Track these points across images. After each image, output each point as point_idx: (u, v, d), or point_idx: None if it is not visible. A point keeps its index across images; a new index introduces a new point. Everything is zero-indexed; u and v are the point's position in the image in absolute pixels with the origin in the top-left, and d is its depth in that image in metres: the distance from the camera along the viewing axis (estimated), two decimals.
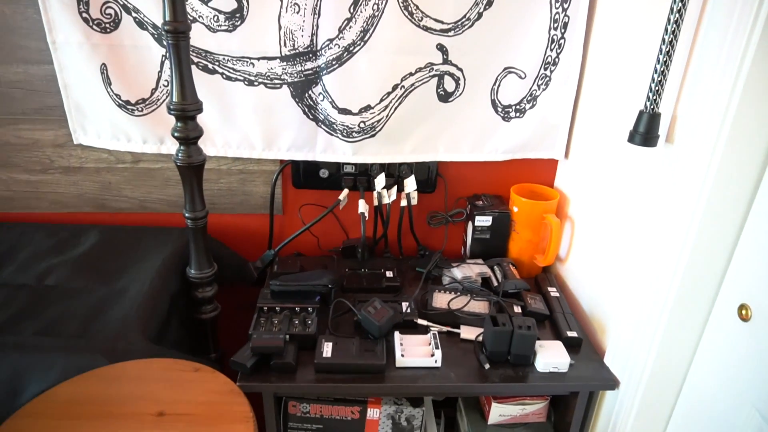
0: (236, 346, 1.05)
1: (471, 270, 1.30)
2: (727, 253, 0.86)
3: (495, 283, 1.27)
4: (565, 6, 1.20)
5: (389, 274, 1.31)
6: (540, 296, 1.24)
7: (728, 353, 0.87)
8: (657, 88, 0.84)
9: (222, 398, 0.87)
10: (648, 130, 0.86)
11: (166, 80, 1.25)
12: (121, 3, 1.18)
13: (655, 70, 0.83)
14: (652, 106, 0.85)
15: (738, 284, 0.85)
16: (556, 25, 1.21)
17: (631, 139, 0.88)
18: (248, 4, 1.18)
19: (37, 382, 0.95)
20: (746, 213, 0.83)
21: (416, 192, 1.33)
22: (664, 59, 0.82)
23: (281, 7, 1.18)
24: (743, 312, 0.83)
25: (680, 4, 0.78)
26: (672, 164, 0.88)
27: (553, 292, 1.26)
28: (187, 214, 1.13)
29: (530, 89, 1.28)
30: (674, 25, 0.80)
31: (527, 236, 1.33)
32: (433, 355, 1.05)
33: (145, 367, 0.92)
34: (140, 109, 1.27)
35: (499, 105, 1.30)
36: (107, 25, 1.20)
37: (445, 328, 1.15)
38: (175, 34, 0.97)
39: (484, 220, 1.34)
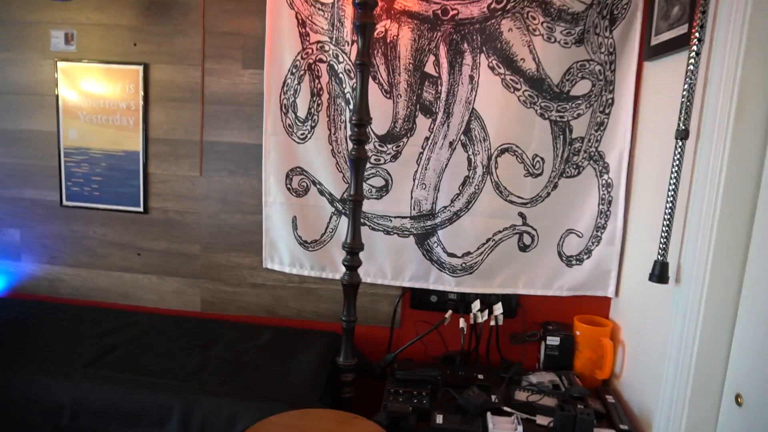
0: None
1: (543, 377, 1.70)
2: (724, 357, 1.26)
3: (563, 389, 1.66)
4: (610, 190, 1.74)
5: (480, 376, 1.73)
6: (599, 400, 1.61)
7: None
8: (663, 245, 1.32)
9: None
10: (660, 273, 1.32)
11: (332, 228, 1.86)
12: (311, 179, 1.85)
13: (662, 233, 1.32)
14: (661, 258, 1.32)
15: (734, 378, 1.23)
16: (603, 201, 1.75)
17: (650, 278, 1.34)
18: (392, 182, 1.81)
19: (245, 421, 1.43)
20: (732, 330, 1.24)
21: (502, 315, 1.79)
22: (666, 226, 1.31)
23: (413, 185, 1.80)
24: (739, 399, 1.20)
25: (672, 195, 1.30)
26: (678, 299, 1.32)
27: (610, 398, 1.63)
28: (343, 318, 1.65)
29: (586, 245, 1.78)
30: (669, 211, 1.30)
31: (588, 354, 1.73)
32: (516, 431, 1.44)
33: (321, 413, 1.39)
34: (313, 246, 1.88)
35: (564, 255, 1.80)
36: (300, 192, 1.86)
37: (524, 415, 1.54)
38: (355, 202, 1.58)
39: (553, 341, 1.77)
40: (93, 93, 1.93)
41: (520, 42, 1.69)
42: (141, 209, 1.96)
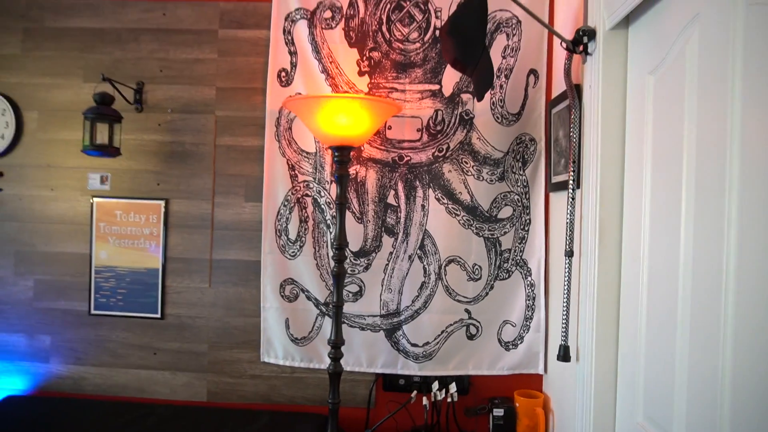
0: None
1: None
2: (612, 414, 1.71)
3: None
4: (533, 289, 2.25)
5: None
6: None
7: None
8: (564, 333, 1.81)
9: None
10: (564, 354, 1.80)
11: (318, 326, 2.30)
12: (300, 287, 2.31)
13: (562, 324, 1.81)
14: (564, 342, 1.81)
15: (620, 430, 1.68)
16: (529, 298, 2.25)
17: (557, 358, 1.82)
18: (365, 288, 2.29)
19: None
20: (615, 396, 1.71)
21: (456, 393, 2.22)
22: (565, 318, 1.80)
23: (382, 290, 2.28)
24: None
25: (567, 297, 1.80)
26: (579, 373, 1.79)
27: None
28: (329, 401, 2.05)
29: (519, 332, 2.26)
30: (566, 307, 1.81)
31: (526, 422, 2.15)
32: None
33: None
34: (302, 342, 2.31)
35: (502, 342, 2.27)
36: (291, 298, 2.32)
37: None
38: (337, 307, 2.04)
39: (499, 412, 2.19)
40: (122, 222, 2.40)
41: (458, 180, 2.25)
42: (159, 315, 2.38)
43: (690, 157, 1.34)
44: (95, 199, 2.42)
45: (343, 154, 1.99)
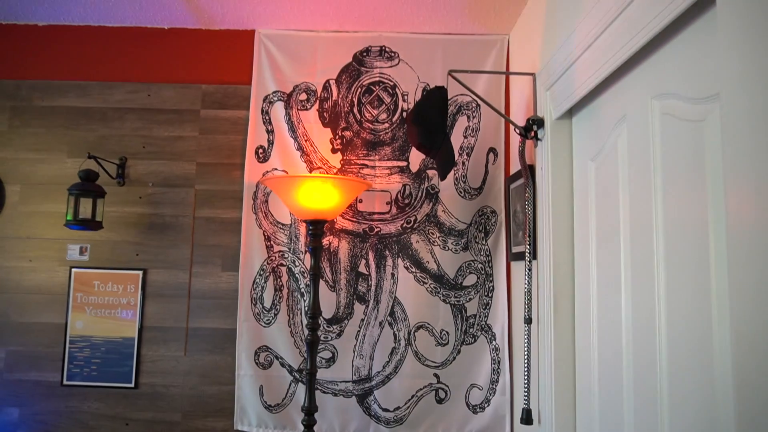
0: None
1: None
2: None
3: None
4: (498, 353, 2.37)
5: None
6: None
7: None
8: (526, 396, 1.92)
9: None
10: (527, 417, 1.91)
11: (291, 393, 2.36)
12: (274, 354, 2.38)
13: (524, 388, 1.93)
14: (526, 405, 1.92)
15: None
16: (494, 362, 2.36)
17: (520, 421, 1.92)
18: (337, 354, 2.37)
19: None
20: None
21: None
22: (526, 383, 1.92)
23: (354, 356, 2.37)
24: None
25: (527, 362, 1.93)
26: None
27: None
28: None
29: (485, 396, 2.36)
30: (526, 373, 1.93)
31: None
32: None
33: None
34: (276, 409, 2.35)
35: (470, 405, 2.36)
36: (266, 365, 2.38)
37: None
38: (311, 374, 2.12)
39: None
40: (100, 292, 2.46)
41: (425, 250, 2.40)
42: (132, 385, 2.40)
43: (625, 236, 1.52)
44: (74, 270, 2.48)
45: (317, 227, 2.13)
